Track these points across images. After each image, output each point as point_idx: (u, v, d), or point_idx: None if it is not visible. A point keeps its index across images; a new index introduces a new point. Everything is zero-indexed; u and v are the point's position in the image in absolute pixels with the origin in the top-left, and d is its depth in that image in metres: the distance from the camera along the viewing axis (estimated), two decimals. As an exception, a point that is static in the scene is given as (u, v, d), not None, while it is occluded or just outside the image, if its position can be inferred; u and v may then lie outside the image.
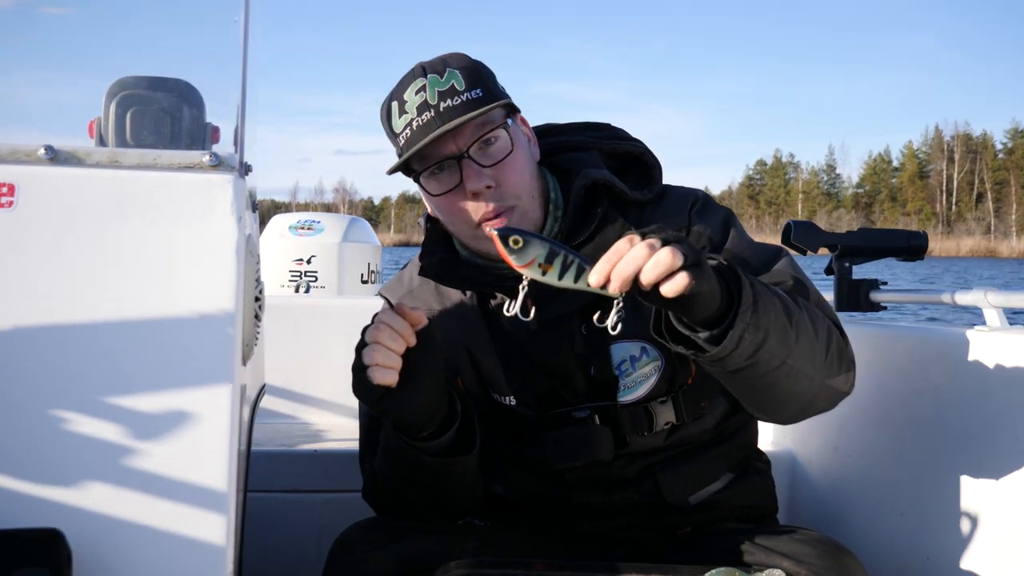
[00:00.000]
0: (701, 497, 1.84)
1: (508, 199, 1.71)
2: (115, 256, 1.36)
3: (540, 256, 1.36)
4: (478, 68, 1.74)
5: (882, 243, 2.51)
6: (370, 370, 1.53)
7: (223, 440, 1.31)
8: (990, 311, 2.01)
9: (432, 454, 1.64)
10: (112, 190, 1.39)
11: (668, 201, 1.83)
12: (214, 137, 2.55)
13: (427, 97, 1.68)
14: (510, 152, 1.71)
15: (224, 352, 1.33)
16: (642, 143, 1.90)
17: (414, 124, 1.69)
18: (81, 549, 1.25)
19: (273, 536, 2.39)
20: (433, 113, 1.67)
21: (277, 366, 2.72)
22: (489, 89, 1.72)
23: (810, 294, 1.72)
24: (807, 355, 1.55)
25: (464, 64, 1.72)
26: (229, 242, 1.37)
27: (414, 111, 1.69)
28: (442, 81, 1.69)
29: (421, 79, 1.70)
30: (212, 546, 1.29)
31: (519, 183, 1.72)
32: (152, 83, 2.53)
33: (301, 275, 5.49)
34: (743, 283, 1.43)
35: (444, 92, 1.68)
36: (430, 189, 1.73)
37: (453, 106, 1.67)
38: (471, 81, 1.70)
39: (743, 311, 1.41)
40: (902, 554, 2.03)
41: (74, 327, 1.33)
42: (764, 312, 1.44)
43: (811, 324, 1.56)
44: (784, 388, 1.56)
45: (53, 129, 3.08)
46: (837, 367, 1.63)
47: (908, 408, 2.07)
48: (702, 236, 1.77)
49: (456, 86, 1.69)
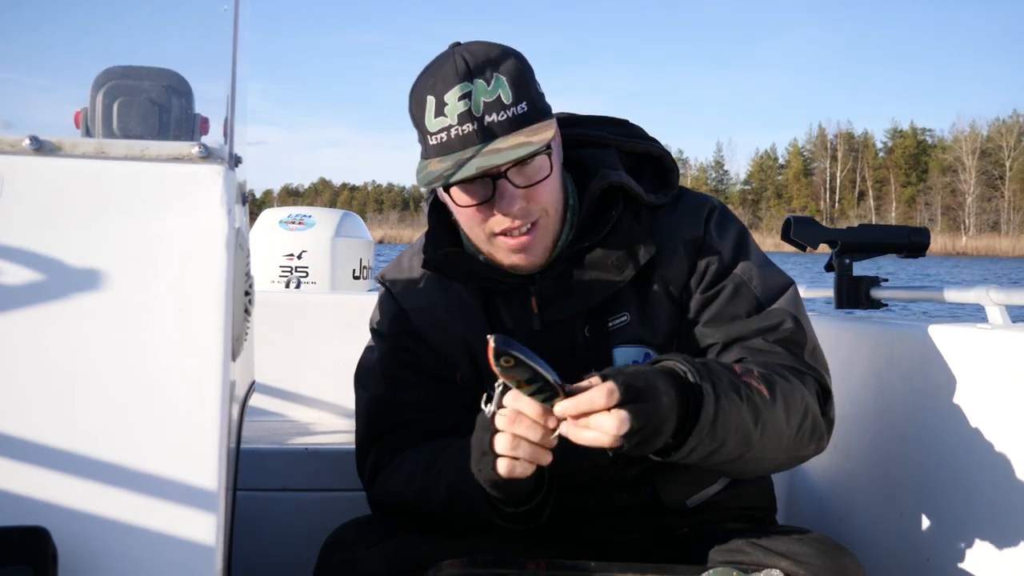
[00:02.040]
0: (699, 500, 1.82)
1: (534, 215, 1.67)
2: (101, 249, 1.33)
3: (522, 378, 1.37)
4: (524, 74, 1.65)
5: (883, 239, 2.49)
6: (507, 462, 1.45)
7: (212, 437, 1.29)
8: (992, 308, 2.00)
9: (504, 518, 1.60)
10: (99, 182, 1.36)
11: (683, 207, 1.80)
12: (203, 128, 2.52)
13: (471, 107, 1.60)
14: (547, 176, 1.67)
15: (212, 348, 1.30)
16: (660, 144, 1.86)
17: (452, 132, 1.61)
18: (67, 547, 1.23)
19: (263, 535, 2.37)
20: (476, 127, 1.60)
21: (267, 363, 2.69)
22: (534, 102, 1.65)
23: (806, 340, 1.73)
24: (772, 445, 1.58)
25: (511, 69, 1.63)
26: (218, 235, 1.34)
27: (455, 118, 1.60)
28: (489, 90, 1.60)
29: (467, 84, 1.60)
30: (201, 545, 1.27)
31: (548, 200, 1.68)
32: (140, 73, 2.49)
33: (292, 270, 5.46)
34: (704, 403, 1.45)
35: (490, 104, 1.60)
36: (458, 199, 1.67)
37: (498, 122, 1.60)
38: (518, 92, 1.62)
39: (697, 431, 1.45)
40: (901, 554, 2.01)
41: (59, 321, 1.30)
42: (723, 425, 1.47)
43: (784, 413, 1.57)
44: (743, 469, 1.65)
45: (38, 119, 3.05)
46: (808, 440, 1.66)
47: (908, 407, 2.05)
48: (714, 254, 1.76)
49: (503, 98, 1.61)
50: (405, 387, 1.82)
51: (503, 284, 1.75)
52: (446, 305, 1.82)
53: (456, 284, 1.82)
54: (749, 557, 1.63)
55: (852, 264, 2.49)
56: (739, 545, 1.67)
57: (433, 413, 1.80)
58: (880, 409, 2.17)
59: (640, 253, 1.72)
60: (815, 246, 2.49)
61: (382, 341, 1.89)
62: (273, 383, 3.26)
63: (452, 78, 1.61)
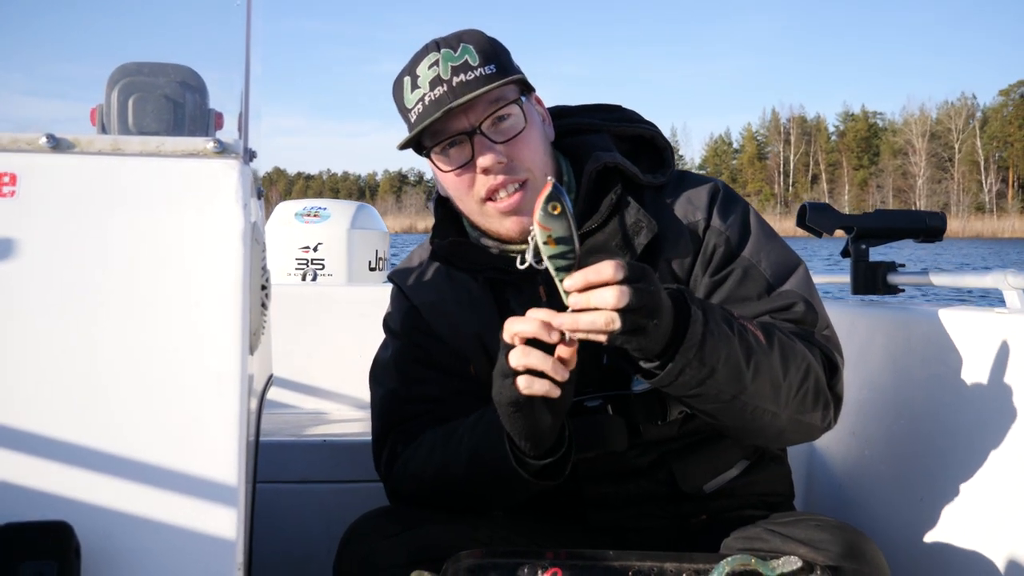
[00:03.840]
0: (716, 485, 1.81)
1: (520, 172, 1.70)
2: (118, 245, 1.34)
3: (555, 234, 1.39)
4: (493, 44, 1.73)
5: (900, 224, 2.47)
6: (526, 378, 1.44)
7: (231, 431, 1.30)
8: (1010, 292, 1.99)
9: (532, 473, 1.60)
10: (115, 178, 1.37)
11: (686, 188, 1.81)
12: (217, 123, 2.52)
13: (440, 72, 1.67)
14: (523, 128, 1.70)
15: (230, 342, 1.31)
16: (654, 125, 1.88)
17: (426, 99, 1.68)
18: (89, 542, 1.24)
19: (283, 527, 2.38)
20: (446, 88, 1.67)
21: (285, 356, 2.70)
22: (503, 65, 1.71)
23: (818, 320, 1.72)
24: (767, 393, 1.56)
25: (478, 40, 1.71)
26: (234, 230, 1.35)
27: (426, 86, 1.68)
28: (456, 56, 1.68)
29: (435, 54, 1.69)
30: (221, 538, 1.27)
31: (532, 158, 1.71)
32: (154, 69, 2.50)
33: (308, 263, 5.46)
34: (691, 321, 1.46)
35: (457, 67, 1.67)
36: (441, 165, 1.73)
37: (466, 81, 1.67)
38: (485, 57, 1.69)
39: (685, 349, 1.45)
40: (920, 540, 2.01)
41: (77, 317, 1.31)
42: (712, 350, 1.47)
43: (781, 362, 1.56)
44: (742, 420, 1.59)
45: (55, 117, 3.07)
46: (812, 405, 1.64)
47: (926, 392, 2.04)
48: (720, 236, 1.75)
49: (470, 61, 1.68)
50: (419, 382, 1.83)
51: (511, 274, 1.75)
52: (457, 299, 1.83)
53: (466, 278, 1.83)
54: (767, 544, 1.63)
55: (868, 250, 2.48)
56: (757, 532, 1.66)
57: (447, 405, 1.80)
58: (897, 395, 2.16)
59: (643, 234, 1.73)
60: (831, 232, 2.48)
61: (395, 338, 1.91)
62: (291, 376, 3.27)
63: (422, 55, 1.71)
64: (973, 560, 1.87)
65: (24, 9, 2.45)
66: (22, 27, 2.40)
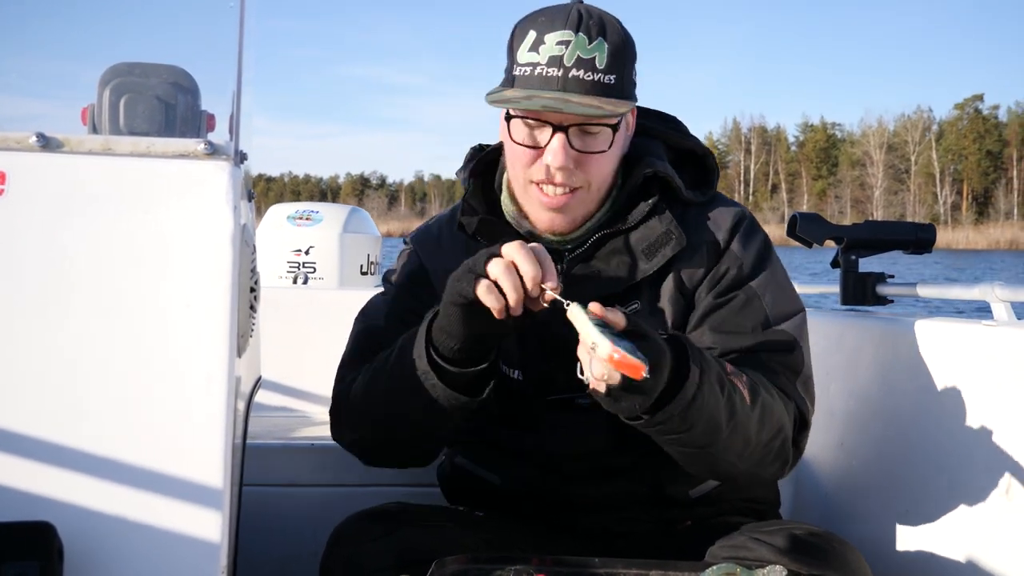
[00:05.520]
0: (702, 491, 1.82)
1: (577, 182, 1.70)
2: (108, 245, 1.34)
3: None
4: (625, 49, 1.69)
5: (889, 236, 2.48)
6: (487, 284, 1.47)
7: (217, 433, 1.29)
8: (998, 305, 1.99)
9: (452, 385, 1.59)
10: (105, 178, 1.37)
11: (714, 209, 1.83)
12: (209, 125, 2.52)
13: (565, 56, 1.64)
14: (604, 151, 1.70)
15: (218, 343, 1.31)
16: (705, 146, 1.89)
17: (538, 70, 1.65)
18: (72, 543, 1.24)
19: (269, 530, 2.37)
20: (561, 75, 1.64)
21: (274, 358, 2.69)
22: (623, 80, 1.68)
23: (801, 369, 1.75)
24: (736, 448, 1.60)
25: (616, 40, 1.67)
26: (224, 231, 1.35)
27: (545, 58, 1.64)
28: (588, 48, 1.64)
29: (570, 33, 1.64)
30: (206, 540, 1.27)
31: (596, 175, 1.71)
32: (146, 70, 2.49)
33: (299, 266, 5.45)
34: (687, 383, 1.47)
35: (583, 61, 1.64)
36: (514, 133, 1.71)
37: (583, 80, 1.64)
38: (612, 62, 1.66)
39: (672, 406, 1.47)
40: (906, 550, 2.01)
41: (65, 317, 1.31)
42: (697, 411, 1.49)
43: (757, 422, 1.59)
44: (701, 463, 1.64)
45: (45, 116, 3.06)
46: (772, 461, 1.68)
47: (914, 403, 2.05)
48: (734, 261, 1.78)
49: (597, 62, 1.64)
50: (404, 327, 1.79)
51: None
52: None
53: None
54: (752, 553, 1.63)
55: (858, 260, 2.48)
56: (742, 540, 1.66)
57: None
58: (885, 405, 2.17)
59: (670, 246, 1.75)
60: (821, 242, 2.48)
61: (393, 288, 1.91)
62: (280, 379, 3.26)
63: (560, 22, 1.65)
64: (958, 571, 1.88)
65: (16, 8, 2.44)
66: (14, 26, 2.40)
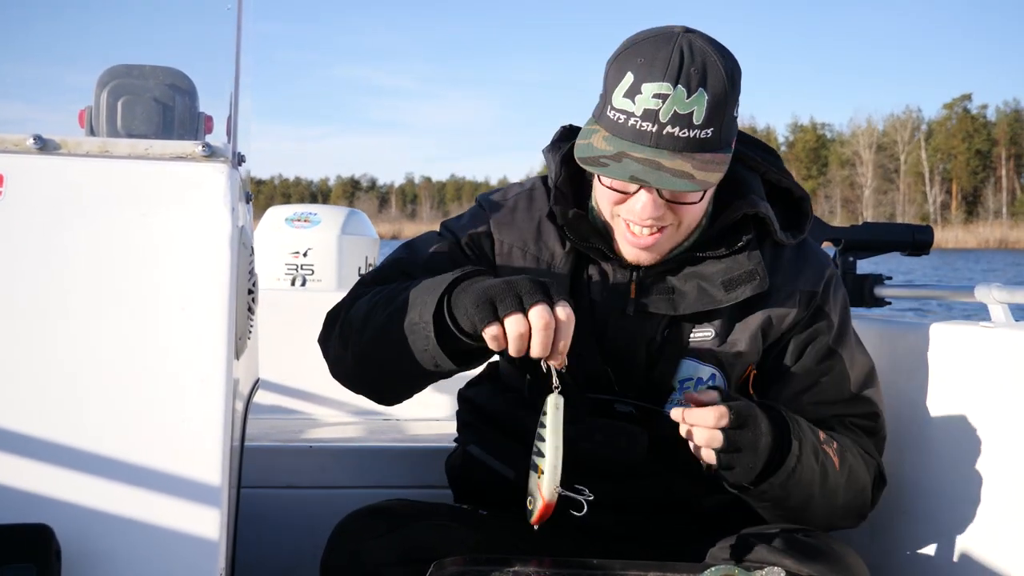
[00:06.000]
0: (717, 502, 1.81)
1: (667, 220, 1.65)
2: (105, 247, 1.34)
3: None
4: (727, 97, 1.58)
5: (887, 237, 2.49)
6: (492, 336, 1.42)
7: (216, 434, 1.29)
8: (995, 307, 1.99)
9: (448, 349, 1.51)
10: (103, 180, 1.37)
11: (808, 256, 1.81)
12: (207, 127, 2.52)
13: (661, 111, 1.54)
14: (696, 202, 1.66)
15: (215, 345, 1.31)
16: (802, 188, 1.85)
17: (631, 121, 1.57)
18: (70, 544, 1.24)
19: (269, 532, 2.37)
20: (655, 129, 1.55)
21: (273, 361, 2.69)
22: (720, 131, 1.59)
23: (883, 432, 1.85)
24: (822, 511, 1.72)
25: (717, 89, 1.56)
26: (222, 234, 1.35)
27: (640, 111, 1.56)
28: (686, 102, 1.54)
29: (668, 86, 1.54)
30: (204, 541, 1.27)
31: (686, 217, 1.67)
32: (144, 72, 2.49)
33: (297, 268, 5.45)
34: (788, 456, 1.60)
35: (679, 117, 1.55)
36: (603, 176, 1.64)
37: (676, 137, 1.55)
38: (711, 115, 1.56)
39: (774, 478, 1.60)
40: (904, 553, 2.01)
41: (64, 320, 1.31)
42: (796, 483, 1.62)
43: (844, 487, 1.71)
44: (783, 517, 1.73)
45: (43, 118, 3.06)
46: (850, 516, 1.79)
47: (911, 405, 2.05)
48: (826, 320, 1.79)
49: (694, 117, 1.55)
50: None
51: (612, 260, 1.73)
52: (535, 254, 1.78)
53: (553, 237, 1.78)
54: (752, 555, 1.63)
55: (856, 262, 2.49)
56: (741, 541, 1.66)
57: None
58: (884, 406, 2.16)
59: (751, 286, 1.72)
60: (819, 244, 2.48)
61: (452, 237, 1.83)
62: (279, 381, 3.26)
63: (659, 70, 1.55)
64: (955, 571, 1.88)
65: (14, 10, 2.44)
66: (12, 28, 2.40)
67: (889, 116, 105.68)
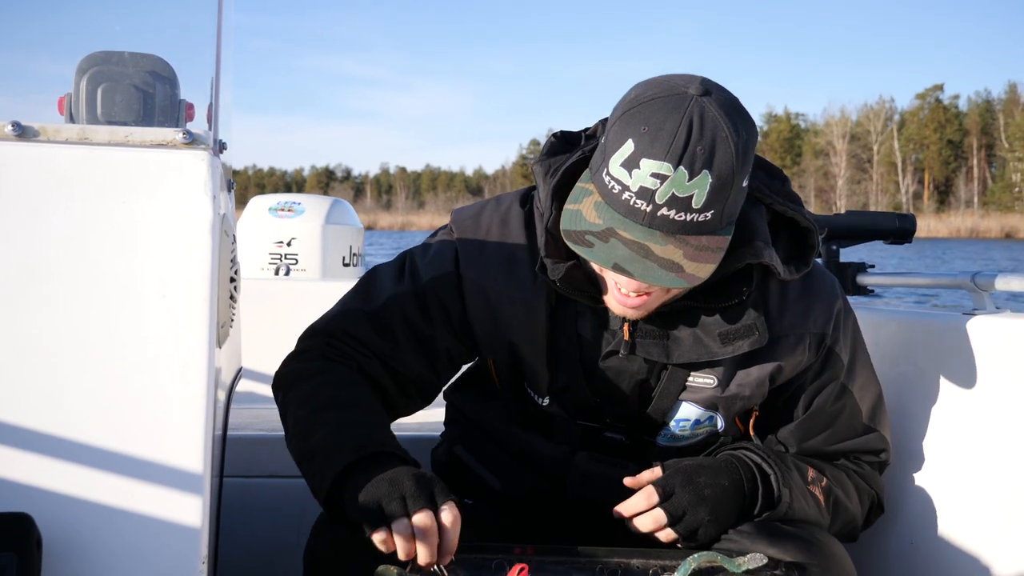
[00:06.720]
0: None
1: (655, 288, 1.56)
2: (85, 234, 1.32)
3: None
4: (732, 177, 1.46)
5: (870, 225, 2.49)
6: (381, 540, 1.47)
7: (197, 423, 1.29)
8: (977, 295, 2.00)
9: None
10: (82, 167, 1.36)
11: (815, 292, 1.72)
12: (188, 114, 2.50)
13: (658, 192, 1.43)
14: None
15: (197, 334, 1.30)
16: (809, 215, 1.71)
17: (625, 195, 1.46)
18: (51, 533, 1.23)
19: (252, 521, 2.37)
20: (649, 209, 1.44)
21: (257, 350, 2.68)
22: (721, 213, 1.48)
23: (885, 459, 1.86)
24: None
25: (723, 171, 1.44)
26: (203, 222, 1.34)
27: (636, 187, 1.45)
28: (686, 185, 1.43)
29: (669, 167, 1.42)
30: (186, 530, 1.27)
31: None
32: (124, 59, 2.47)
33: (281, 257, 5.44)
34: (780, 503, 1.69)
35: (677, 200, 1.44)
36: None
37: (671, 220, 1.45)
38: (712, 198, 1.45)
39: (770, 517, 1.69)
40: (885, 540, 2.02)
41: (43, 307, 1.30)
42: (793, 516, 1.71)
43: (830, 523, 1.77)
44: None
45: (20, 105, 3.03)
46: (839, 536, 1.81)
47: (894, 393, 2.06)
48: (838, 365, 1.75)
49: (693, 201, 1.44)
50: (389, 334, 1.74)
51: (603, 305, 1.66)
52: (505, 291, 1.71)
53: (527, 274, 1.70)
54: (735, 544, 1.63)
55: (839, 250, 2.49)
56: (726, 533, 1.67)
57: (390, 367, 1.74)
58: (866, 395, 2.17)
59: (747, 342, 1.64)
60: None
61: (411, 281, 1.76)
62: (263, 370, 3.25)
63: (662, 148, 1.43)
64: (940, 561, 1.89)
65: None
66: (-8, 16, 2.38)
67: (863, 106, 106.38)
